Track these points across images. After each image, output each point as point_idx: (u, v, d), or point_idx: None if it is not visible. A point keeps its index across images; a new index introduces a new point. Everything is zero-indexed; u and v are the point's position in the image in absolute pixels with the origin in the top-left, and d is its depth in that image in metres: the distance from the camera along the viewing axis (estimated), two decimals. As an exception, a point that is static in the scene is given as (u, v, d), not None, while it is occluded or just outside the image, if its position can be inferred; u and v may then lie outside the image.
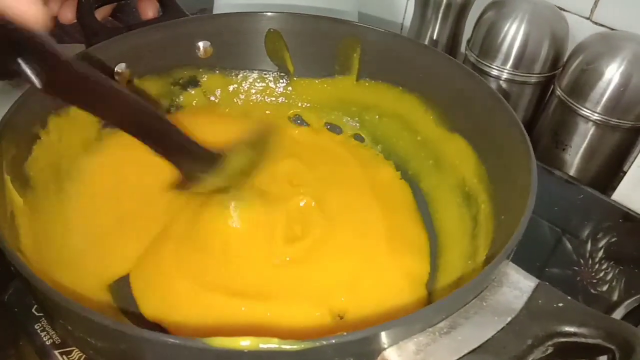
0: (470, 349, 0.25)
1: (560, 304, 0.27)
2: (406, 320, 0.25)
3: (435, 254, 0.40)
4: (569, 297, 0.27)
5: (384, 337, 0.25)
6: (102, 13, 0.48)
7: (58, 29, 0.47)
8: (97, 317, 0.25)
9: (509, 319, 0.26)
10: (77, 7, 0.45)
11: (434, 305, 0.26)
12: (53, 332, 0.37)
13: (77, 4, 0.46)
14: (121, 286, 0.37)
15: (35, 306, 0.38)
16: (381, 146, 0.49)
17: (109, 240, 0.39)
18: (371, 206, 0.42)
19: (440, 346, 0.25)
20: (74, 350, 0.36)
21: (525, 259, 0.31)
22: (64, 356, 0.36)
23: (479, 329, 0.26)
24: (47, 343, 0.36)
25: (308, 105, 0.51)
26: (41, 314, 0.38)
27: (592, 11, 0.57)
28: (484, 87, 0.41)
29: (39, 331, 0.37)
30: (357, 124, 0.50)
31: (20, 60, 0.24)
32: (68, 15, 0.46)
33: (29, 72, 0.24)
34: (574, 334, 0.26)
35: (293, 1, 0.57)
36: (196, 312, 0.34)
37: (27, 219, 0.34)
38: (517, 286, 0.28)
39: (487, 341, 0.25)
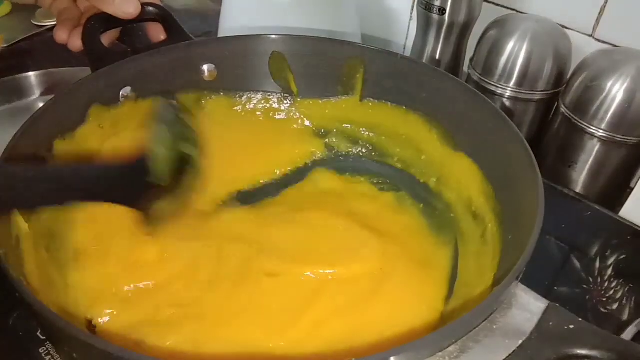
0: (481, 373, 0.25)
1: (572, 326, 0.26)
2: (415, 345, 0.25)
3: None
4: (580, 319, 0.27)
5: (392, 362, 0.24)
6: (109, 37, 0.49)
7: (66, 53, 0.48)
8: (103, 345, 0.24)
9: (520, 342, 0.26)
10: (82, 33, 0.46)
11: (443, 329, 0.25)
12: (58, 356, 0.37)
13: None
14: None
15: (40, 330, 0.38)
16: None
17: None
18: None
19: (450, 371, 0.25)
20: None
21: (533, 278, 0.30)
22: (69, 381, 0.35)
23: (489, 353, 0.25)
24: (52, 367, 0.36)
25: (311, 125, 0.51)
26: (45, 338, 0.37)
27: (594, 28, 0.58)
28: (488, 106, 0.41)
29: (43, 355, 0.37)
30: (360, 144, 0.50)
31: None
32: (77, 43, 0.46)
33: None
34: (587, 357, 0.25)
35: (296, 24, 0.57)
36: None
37: (32, 244, 0.34)
38: (527, 308, 0.27)
39: (498, 365, 0.25)
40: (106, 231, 0.39)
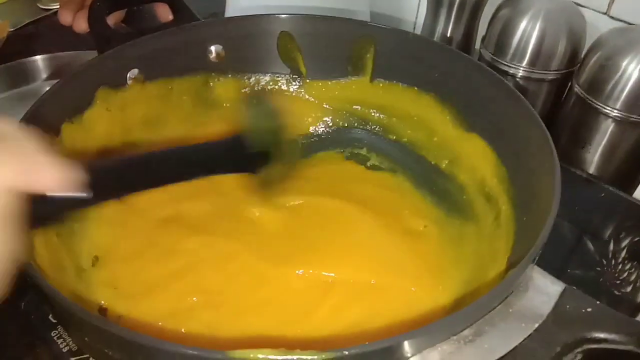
0: (497, 357, 0.24)
1: (589, 309, 0.26)
2: (430, 328, 0.24)
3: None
4: (598, 302, 0.26)
5: (407, 346, 0.24)
6: (113, 19, 0.48)
7: (72, 36, 0.48)
8: (113, 329, 0.24)
9: (536, 325, 0.25)
10: (88, 15, 0.45)
11: (458, 313, 0.25)
12: (70, 339, 0.37)
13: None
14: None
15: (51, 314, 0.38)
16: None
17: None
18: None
19: (465, 355, 0.24)
20: (90, 358, 0.36)
21: (546, 261, 0.30)
22: (80, 364, 0.35)
23: (505, 337, 0.25)
24: (64, 350, 0.36)
25: (320, 105, 0.50)
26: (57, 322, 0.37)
27: (609, 6, 0.56)
28: (503, 85, 0.40)
29: (55, 338, 0.37)
30: (371, 126, 0.49)
31: None
32: (82, 25, 0.46)
33: None
34: (605, 340, 0.25)
35: (304, 2, 0.56)
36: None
37: (42, 230, 0.34)
38: (544, 291, 0.27)
39: (514, 349, 0.25)
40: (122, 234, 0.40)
